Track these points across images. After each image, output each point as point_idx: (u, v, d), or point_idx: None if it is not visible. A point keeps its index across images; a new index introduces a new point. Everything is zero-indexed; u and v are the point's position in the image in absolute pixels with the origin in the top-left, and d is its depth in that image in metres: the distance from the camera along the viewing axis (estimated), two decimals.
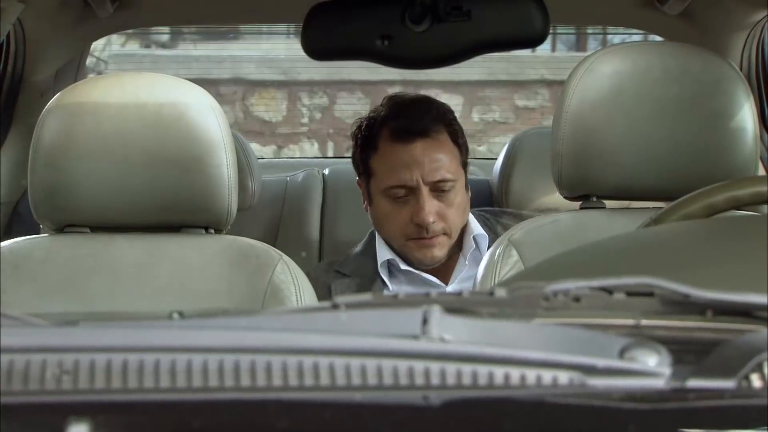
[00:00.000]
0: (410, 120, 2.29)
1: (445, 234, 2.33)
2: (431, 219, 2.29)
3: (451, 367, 0.64)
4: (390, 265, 2.39)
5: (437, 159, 2.31)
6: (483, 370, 0.64)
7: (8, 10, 2.21)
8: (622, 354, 0.66)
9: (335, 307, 0.71)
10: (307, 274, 1.95)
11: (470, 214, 2.42)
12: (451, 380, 0.63)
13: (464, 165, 2.39)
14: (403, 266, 2.37)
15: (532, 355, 0.65)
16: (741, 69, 2.56)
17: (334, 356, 0.64)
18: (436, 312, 0.67)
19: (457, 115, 2.46)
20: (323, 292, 2.31)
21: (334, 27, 1.68)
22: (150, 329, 0.70)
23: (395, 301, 0.73)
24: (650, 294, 0.74)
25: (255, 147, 9.35)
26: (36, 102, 2.76)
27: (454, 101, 9.63)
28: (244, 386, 0.63)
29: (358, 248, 2.49)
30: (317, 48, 1.71)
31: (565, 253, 1.10)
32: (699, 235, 1.17)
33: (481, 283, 1.89)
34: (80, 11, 2.76)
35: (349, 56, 1.99)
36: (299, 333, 0.66)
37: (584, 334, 0.68)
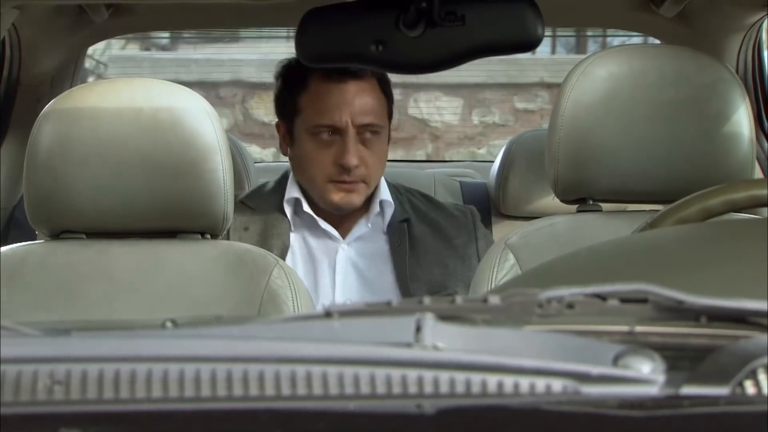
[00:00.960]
0: None
1: (364, 182, 2.31)
2: (355, 162, 2.27)
3: (444, 375, 0.64)
4: (295, 204, 2.37)
5: (367, 102, 2.30)
6: (476, 378, 0.63)
7: (3, 16, 2.21)
8: (616, 361, 0.65)
9: (328, 315, 0.71)
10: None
11: (384, 183, 2.41)
12: (444, 388, 0.63)
13: (390, 116, 2.39)
14: (306, 208, 2.35)
15: (526, 363, 0.64)
16: (737, 72, 2.56)
17: (327, 365, 0.64)
18: (429, 320, 0.67)
19: (456, 117, 2.50)
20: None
21: (328, 32, 1.68)
22: (142, 338, 0.69)
23: (388, 309, 0.73)
24: (644, 300, 0.74)
25: (255, 149, 9.35)
26: (32, 107, 2.76)
27: (453, 104, 9.64)
28: (236, 396, 0.63)
29: (269, 184, 2.47)
30: (311, 53, 1.71)
31: (561, 258, 1.10)
32: (695, 239, 1.17)
33: (477, 287, 1.89)
34: (75, 17, 2.76)
35: (343, 61, 1.98)
36: (292, 342, 0.66)
37: (578, 341, 0.68)
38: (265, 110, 9.44)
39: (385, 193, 2.39)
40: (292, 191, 2.38)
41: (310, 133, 2.32)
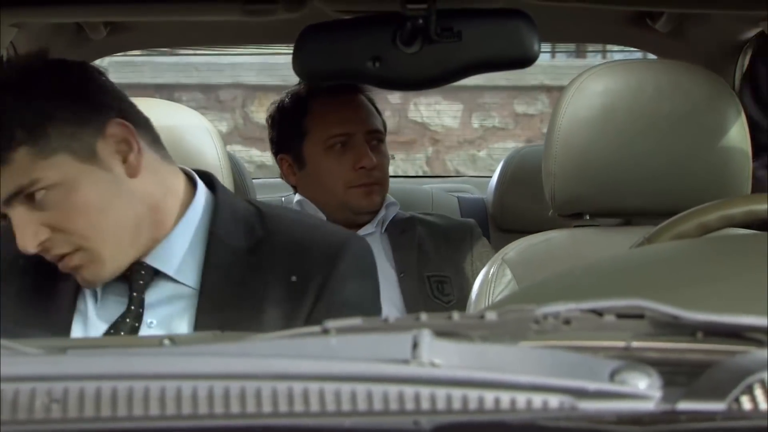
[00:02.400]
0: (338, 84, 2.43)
1: (380, 184, 2.47)
2: (374, 161, 2.41)
3: (441, 392, 0.64)
4: None
5: (371, 111, 2.48)
6: (473, 394, 0.64)
7: (2, 35, 2.22)
8: (612, 377, 0.66)
9: (325, 331, 0.71)
10: None
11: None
12: (441, 405, 0.63)
13: (385, 128, 2.55)
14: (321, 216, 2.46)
15: (523, 379, 0.65)
16: (733, 86, 2.57)
17: (324, 381, 0.64)
18: (426, 336, 0.67)
19: (456, 121, 2.63)
20: None
21: (325, 49, 1.68)
22: (139, 356, 0.69)
23: (385, 326, 0.73)
24: (640, 316, 0.74)
25: (255, 153, 9.35)
26: None
27: (453, 108, 9.65)
28: (233, 413, 0.63)
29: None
30: (309, 70, 1.71)
31: (557, 274, 1.10)
32: (692, 254, 1.17)
33: (475, 303, 1.89)
34: (74, 35, 2.76)
35: (340, 78, 1.99)
36: (289, 359, 0.66)
37: (574, 357, 0.68)
38: (265, 113, 9.46)
39: (389, 198, 2.53)
40: (308, 210, 2.48)
41: (324, 147, 2.44)
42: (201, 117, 1.99)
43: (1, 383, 0.63)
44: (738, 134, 1.87)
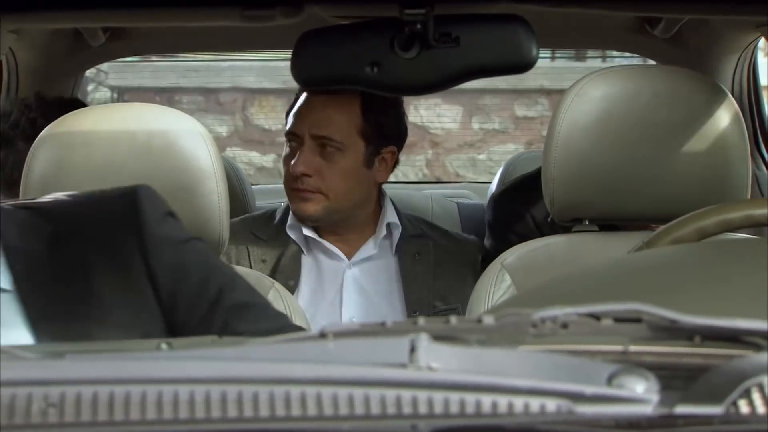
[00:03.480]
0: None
1: (321, 193, 2.33)
2: (300, 169, 2.31)
3: (438, 396, 0.64)
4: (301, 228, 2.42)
5: (331, 116, 2.33)
6: (470, 398, 0.64)
7: (1, 40, 2.22)
8: (610, 381, 0.66)
9: (323, 336, 0.71)
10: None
11: (391, 205, 2.45)
12: (438, 409, 0.63)
13: (367, 138, 2.36)
14: (307, 231, 2.39)
15: (520, 383, 0.64)
16: (732, 91, 2.57)
17: (321, 386, 0.64)
18: (423, 340, 0.67)
19: (456, 123, 2.53)
20: (240, 249, 2.37)
21: (323, 54, 1.68)
22: (136, 360, 0.69)
23: (383, 330, 0.73)
24: (638, 320, 0.74)
25: (254, 155, 9.35)
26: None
27: (453, 110, 9.67)
28: (230, 417, 0.63)
29: (276, 215, 2.50)
30: (307, 75, 1.72)
31: (556, 279, 1.10)
32: (690, 259, 1.17)
33: (474, 308, 1.89)
34: (72, 41, 2.77)
35: (338, 83, 1.99)
36: (286, 363, 0.66)
37: (572, 361, 0.68)
38: (265, 117, 9.46)
39: (392, 216, 2.43)
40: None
41: (285, 143, 2.40)
42: (194, 121, 1.98)
43: None
44: (736, 139, 1.87)
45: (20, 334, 1.36)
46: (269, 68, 9.12)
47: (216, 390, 0.63)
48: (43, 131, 2.05)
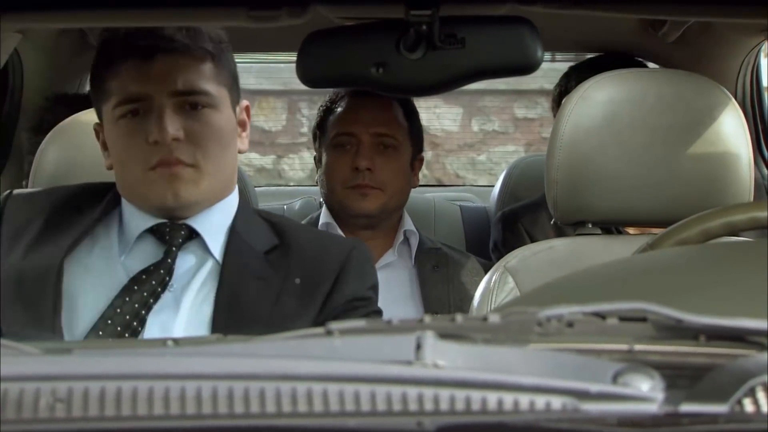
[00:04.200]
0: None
1: (380, 189, 2.44)
2: (366, 163, 2.41)
3: (444, 393, 0.64)
4: (328, 229, 2.49)
5: (383, 116, 2.46)
6: (476, 395, 0.64)
7: (6, 41, 2.22)
8: (615, 379, 0.66)
9: (329, 333, 0.71)
10: None
11: (408, 217, 2.54)
12: (444, 406, 0.63)
13: (413, 142, 2.52)
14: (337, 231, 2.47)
15: (525, 381, 0.65)
16: (735, 95, 2.57)
17: (328, 382, 0.64)
18: (429, 338, 0.67)
19: (456, 124, 2.60)
20: None
21: (329, 55, 1.69)
22: (144, 356, 0.70)
23: (389, 327, 0.73)
24: (643, 319, 0.74)
25: (254, 157, 9.34)
26: (35, 132, 2.77)
27: (453, 111, 9.66)
28: (237, 413, 0.63)
29: (305, 220, 2.61)
30: (312, 75, 1.72)
31: (560, 279, 1.10)
32: (694, 260, 1.17)
33: (477, 310, 1.89)
34: (77, 42, 2.77)
35: (344, 83, 2.00)
36: (293, 359, 0.66)
37: (577, 359, 0.68)
38: (265, 118, 9.46)
39: (409, 224, 2.52)
40: (325, 217, 2.52)
41: (332, 144, 2.48)
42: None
43: (5, 383, 0.63)
44: (740, 143, 1.87)
45: None
46: (269, 69, 9.12)
47: (223, 386, 0.63)
48: (52, 131, 2.05)
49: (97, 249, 1.74)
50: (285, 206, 3.17)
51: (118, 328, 1.59)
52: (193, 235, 1.76)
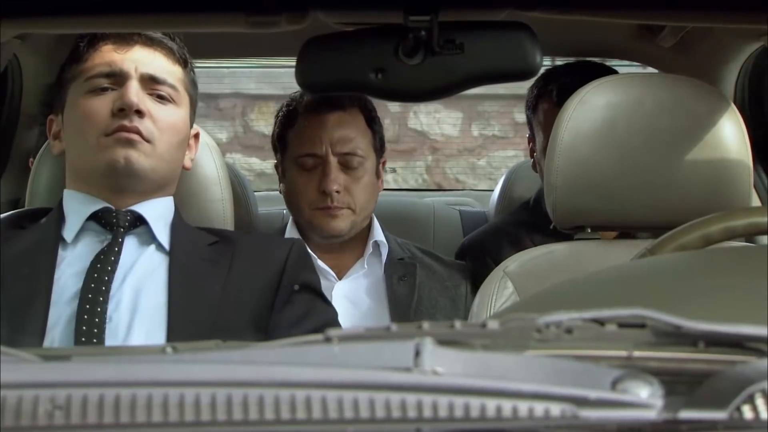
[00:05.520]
0: (327, 96, 2.42)
1: (349, 208, 2.40)
2: (334, 187, 2.36)
3: (443, 400, 0.64)
4: None
5: (347, 133, 2.42)
6: (475, 402, 0.64)
7: (5, 46, 2.22)
8: (614, 385, 0.66)
9: (328, 340, 0.71)
10: None
11: (377, 225, 2.51)
12: (443, 412, 0.63)
13: (376, 150, 2.48)
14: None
15: (524, 387, 0.65)
16: (735, 100, 2.57)
17: (327, 389, 0.64)
18: (428, 344, 0.67)
19: (456, 129, 2.56)
20: None
21: (327, 60, 1.69)
22: (142, 363, 0.70)
23: (388, 334, 0.73)
24: (642, 325, 0.74)
25: (254, 161, 9.33)
26: (33, 137, 2.77)
27: (453, 116, 9.66)
28: (236, 420, 0.63)
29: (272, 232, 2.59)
30: (311, 81, 1.72)
31: (559, 284, 1.10)
32: (694, 265, 1.17)
33: (476, 315, 1.89)
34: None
35: (342, 89, 2.00)
36: (291, 366, 0.66)
37: (576, 365, 0.68)
38: (265, 122, 9.47)
39: (379, 235, 2.49)
40: (291, 232, 2.48)
41: (296, 164, 2.43)
42: (200, 130, 1.99)
43: (4, 390, 0.63)
44: (739, 147, 1.87)
45: None
46: (269, 74, 9.13)
47: (221, 393, 0.63)
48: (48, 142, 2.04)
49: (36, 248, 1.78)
50: (284, 211, 3.16)
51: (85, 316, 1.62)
52: (137, 222, 1.82)
